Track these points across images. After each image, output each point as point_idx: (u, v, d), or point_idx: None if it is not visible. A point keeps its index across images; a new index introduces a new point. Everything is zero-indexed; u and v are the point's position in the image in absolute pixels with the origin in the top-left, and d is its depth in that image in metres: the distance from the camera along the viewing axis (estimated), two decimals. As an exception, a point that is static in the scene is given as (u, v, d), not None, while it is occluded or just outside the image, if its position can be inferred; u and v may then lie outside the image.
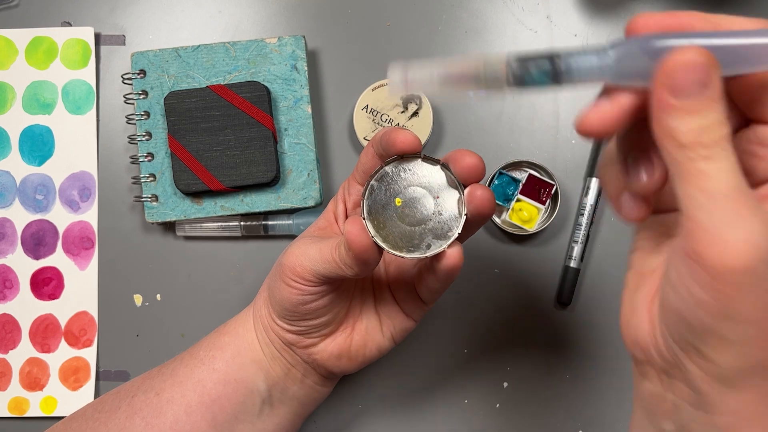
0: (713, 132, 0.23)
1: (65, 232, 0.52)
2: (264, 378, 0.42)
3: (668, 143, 0.24)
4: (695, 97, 0.23)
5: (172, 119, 0.48)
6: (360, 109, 0.49)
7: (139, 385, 0.42)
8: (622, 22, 0.51)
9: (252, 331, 0.42)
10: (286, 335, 0.41)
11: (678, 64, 0.23)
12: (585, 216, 0.49)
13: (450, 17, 0.52)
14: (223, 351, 0.42)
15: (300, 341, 0.41)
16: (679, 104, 0.23)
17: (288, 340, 0.41)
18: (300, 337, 0.41)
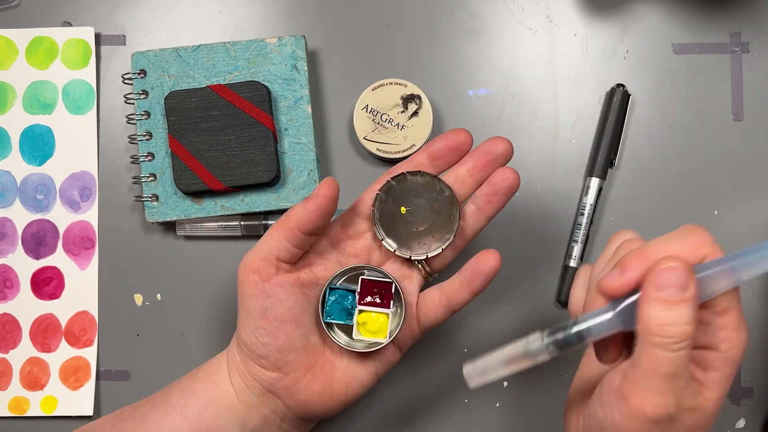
0: (683, 327, 0.29)
1: (66, 231, 0.52)
2: (240, 426, 0.41)
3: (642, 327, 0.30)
4: (673, 294, 0.29)
5: (173, 119, 0.49)
6: (360, 108, 0.50)
7: (110, 428, 0.41)
8: (622, 22, 0.51)
9: (226, 378, 0.41)
10: (265, 375, 0.40)
11: (664, 267, 0.29)
12: (585, 216, 0.49)
13: (450, 17, 0.52)
14: (196, 398, 0.41)
15: (279, 380, 0.40)
16: (658, 296, 0.29)
17: (267, 381, 0.40)
18: (279, 374, 0.40)
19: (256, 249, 0.40)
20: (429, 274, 0.43)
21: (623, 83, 0.50)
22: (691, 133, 0.51)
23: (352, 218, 0.42)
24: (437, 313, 0.42)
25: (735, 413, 0.50)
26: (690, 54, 0.51)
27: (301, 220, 0.39)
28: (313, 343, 0.41)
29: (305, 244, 0.40)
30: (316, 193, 0.39)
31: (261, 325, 0.39)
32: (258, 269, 0.39)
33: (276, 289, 0.39)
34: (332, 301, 0.42)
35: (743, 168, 0.50)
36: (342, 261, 0.42)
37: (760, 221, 0.50)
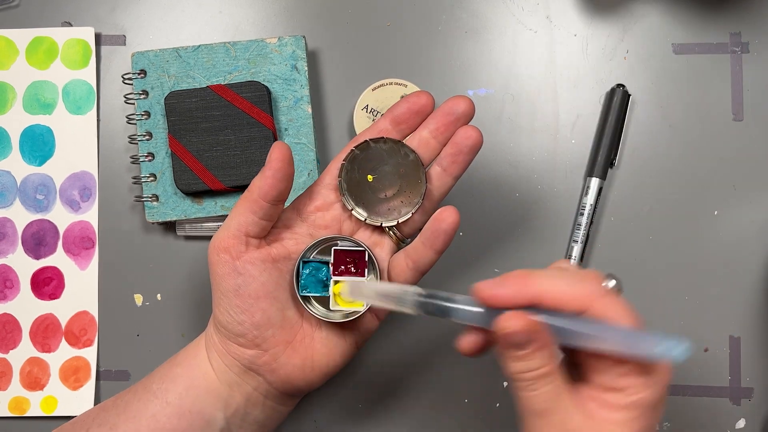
0: (536, 371, 0.33)
1: (66, 231, 0.52)
2: (222, 407, 0.40)
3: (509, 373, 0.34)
4: (518, 351, 0.33)
5: (173, 119, 0.49)
6: (360, 109, 0.50)
7: (93, 418, 0.41)
8: (622, 22, 0.51)
9: (206, 360, 0.41)
10: (245, 353, 0.40)
11: (505, 330, 0.33)
12: (585, 216, 0.49)
13: (450, 17, 0.52)
14: (175, 383, 0.41)
15: (259, 356, 0.40)
16: (508, 354, 0.33)
17: (247, 359, 0.40)
18: (258, 351, 0.40)
19: (224, 228, 0.40)
20: (400, 239, 0.43)
21: (623, 83, 0.50)
22: (691, 133, 0.51)
23: (320, 190, 0.42)
24: (407, 277, 0.42)
25: (735, 413, 0.50)
26: (690, 54, 0.51)
27: (262, 189, 0.39)
28: (290, 318, 0.41)
29: (271, 214, 0.40)
30: (270, 159, 0.39)
31: (235, 303, 0.39)
32: (227, 248, 0.39)
33: (247, 266, 0.39)
34: (306, 274, 0.41)
35: (743, 168, 0.50)
36: (313, 233, 0.42)
37: (760, 221, 0.50)
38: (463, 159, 0.41)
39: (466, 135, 0.40)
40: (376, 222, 0.42)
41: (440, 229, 0.40)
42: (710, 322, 0.50)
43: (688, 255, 0.50)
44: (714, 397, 0.50)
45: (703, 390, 0.50)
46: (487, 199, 0.51)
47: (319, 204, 0.42)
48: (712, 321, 0.50)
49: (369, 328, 0.42)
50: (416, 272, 0.42)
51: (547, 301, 0.33)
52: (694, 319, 0.50)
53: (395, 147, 0.41)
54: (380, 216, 0.42)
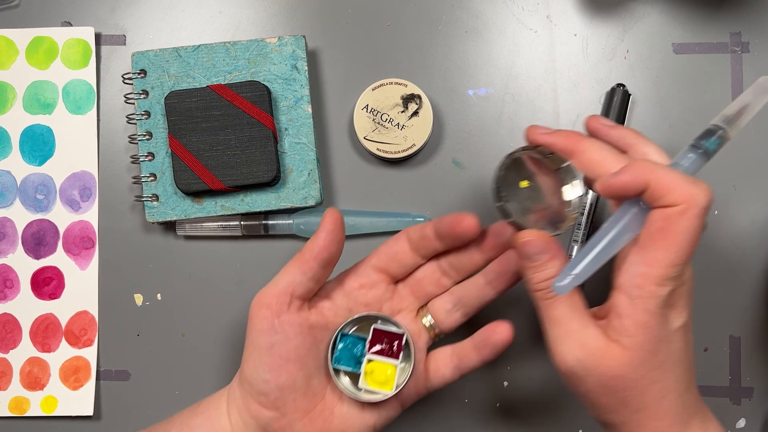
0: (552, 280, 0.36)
1: (66, 231, 0.52)
2: None
3: (530, 287, 0.38)
4: (536, 260, 0.37)
5: (173, 119, 0.49)
6: (360, 108, 0.50)
7: None
8: (622, 22, 0.51)
9: (225, 414, 0.41)
10: (263, 414, 0.40)
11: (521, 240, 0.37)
12: (585, 216, 0.49)
13: (450, 17, 0.52)
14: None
15: (276, 420, 0.40)
16: (527, 264, 0.37)
17: (265, 420, 0.40)
18: (276, 414, 0.40)
19: (272, 284, 0.40)
20: (437, 335, 0.43)
21: (623, 83, 0.50)
22: (691, 133, 0.51)
23: (366, 269, 0.42)
24: (446, 372, 0.42)
25: (735, 413, 0.50)
26: (690, 54, 0.51)
27: (315, 251, 0.40)
28: (314, 387, 0.41)
29: (320, 276, 0.40)
30: (323, 221, 0.40)
31: (265, 361, 0.39)
32: (270, 304, 0.40)
33: (285, 326, 0.40)
34: (342, 347, 0.41)
35: (743, 168, 0.50)
36: (353, 309, 0.42)
37: (760, 221, 0.50)
38: (507, 279, 0.42)
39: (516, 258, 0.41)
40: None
41: (490, 340, 0.41)
42: (710, 322, 0.50)
43: (688, 255, 0.50)
44: (714, 397, 0.50)
45: (703, 390, 0.50)
46: (487, 199, 0.51)
47: (363, 282, 0.42)
48: (712, 321, 0.50)
49: (390, 414, 0.42)
50: (458, 370, 0.42)
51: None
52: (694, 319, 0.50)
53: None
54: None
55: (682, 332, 0.37)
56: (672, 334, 0.36)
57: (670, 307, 0.36)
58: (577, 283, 0.36)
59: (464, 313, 0.43)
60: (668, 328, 0.36)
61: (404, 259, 0.42)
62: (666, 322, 0.36)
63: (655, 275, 0.34)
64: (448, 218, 0.39)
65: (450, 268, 0.42)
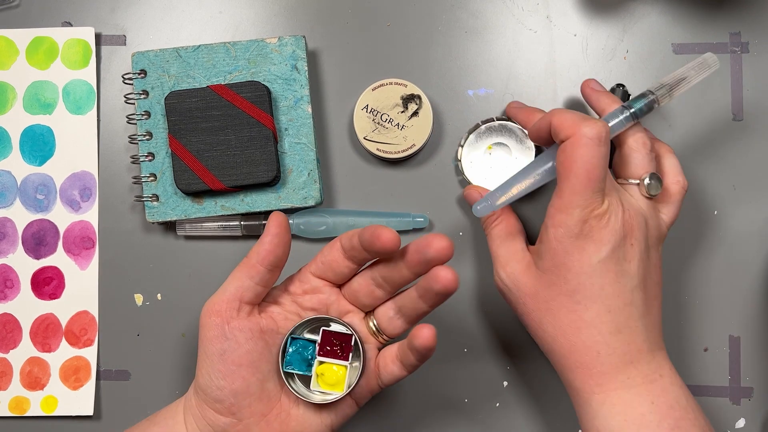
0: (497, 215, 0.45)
1: (66, 231, 0.52)
2: None
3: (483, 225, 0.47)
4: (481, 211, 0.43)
5: (173, 119, 0.49)
6: (360, 108, 0.50)
7: None
8: (622, 22, 0.51)
9: (182, 422, 0.42)
10: (219, 420, 0.40)
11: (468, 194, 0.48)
12: (585, 215, 0.50)
13: (450, 17, 0.52)
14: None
15: (233, 425, 0.40)
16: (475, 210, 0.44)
17: (221, 426, 0.40)
18: (232, 420, 0.40)
19: (220, 291, 0.41)
20: (384, 339, 0.43)
21: (623, 83, 0.50)
22: (691, 133, 0.51)
23: (307, 275, 0.43)
24: (394, 369, 0.42)
25: (735, 413, 0.50)
26: (690, 54, 0.51)
27: (260, 254, 0.40)
28: (269, 390, 0.41)
29: (267, 280, 0.41)
30: (268, 226, 0.41)
31: (218, 368, 0.40)
32: (220, 311, 0.40)
33: (236, 332, 0.40)
34: (293, 350, 0.42)
35: (743, 168, 0.50)
36: (301, 314, 0.42)
37: (760, 221, 0.50)
38: (432, 298, 0.40)
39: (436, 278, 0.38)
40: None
41: (414, 345, 0.39)
42: (710, 322, 0.50)
43: (688, 255, 0.50)
44: (714, 397, 0.50)
45: (703, 390, 0.50)
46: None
47: (307, 288, 0.43)
48: (712, 321, 0.50)
49: (347, 413, 0.42)
50: (403, 368, 0.42)
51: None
52: (694, 319, 0.50)
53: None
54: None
55: (602, 268, 0.39)
56: (589, 267, 0.39)
57: (584, 237, 0.39)
58: (493, 208, 0.43)
59: (406, 321, 0.42)
60: (583, 260, 0.39)
61: (339, 267, 0.41)
62: (580, 252, 0.39)
63: (559, 204, 0.39)
64: (369, 230, 0.39)
65: (383, 279, 0.41)
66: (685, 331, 0.50)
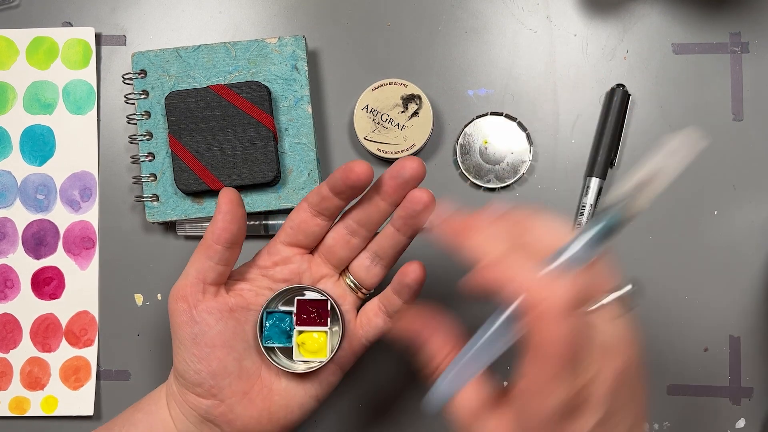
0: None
1: (66, 231, 0.52)
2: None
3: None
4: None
5: (173, 119, 0.49)
6: (360, 109, 0.50)
7: None
8: (622, 22, 0.51)
9: (165, 408, 0.42)
10: (201, 403, 0.40)
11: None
12: (585, 216, 0.50)
13: (450, 17, 0.52)
14: (136, 428, 0.42)
15: (215, 407, 0.40)
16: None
17: (204, 409, 0.40)
18: (214, 401, 0.40)
19: (182, 276, 0.40)
20: (363, 294, 0.43)
21: (623, 83, 0.50)
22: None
23: (276, 246, 0.42)
24: (378, 321, 0.42)
25: (735, 413, 0.50)
26: (690, 54, 0.51)
27: (215, 233, 0.39)
28: (247, 368, 0.41)
29: (227, 258, 0.40)
30: (219, 203, 0.40)
31: (192, 352, 0.39)
32: (185, 296, 0.40)
33: (204, 315, 0.40)
34: (270, 324, 0.41)
35: (743, 168, 0.50)
36: (273, 287, 0.42)
37: (760, 221, 0.50)
38: (414, 222, 0.40)
39: (416, 200, 0.39)
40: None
41: (404, 281, 0.40)
42: (710, 322, 0.50)
43: (688, 255, 0.50)
44: (714, 397, 0.50)
45: (703, 390, 0.50)
46: (487, 200, 0.51)
47: (277, 259, 0.42)
48: (712, 321, 0.50)
49: (331, 380, 0.42)
50: (387, 319, 0.42)
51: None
52: (694, 319, 0.50)
53: None
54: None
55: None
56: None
57: (566, 417, 0.31)
58: (445, 401, 0.34)
59: (384, 266, 0.42)
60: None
61: (309, 227, 0.41)
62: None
63: (527, 387, 0.31)
64: (338, 171, 0.38)
65: (358, 225, 0.41)
66: (685, 331, 0.50)
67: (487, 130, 0.50)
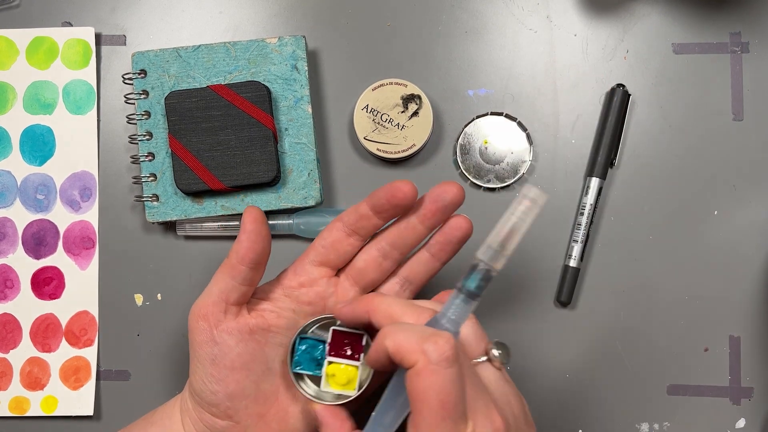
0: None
1: (66, 231, 0.52)
2: None
3: None
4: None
5: (173, 119, 0.49)
6: (360, 108, 0.50)
7: None
8: (622, 22, 0.51)
9: (179, 423, 0.41)
10: (217, 423, 0.40)
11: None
12: (585, 215, 0.50)
13: (450, 17, 0.52)
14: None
15: (230, 428, 0.39)
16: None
17: (219, 429, 0.40)
18: (230, 423, 0.39)
19: (205, 294, 0.40)
20: None
21: (623, 83, 0.50)
22: (691, 133, 0.51)
23: (305, 266, 0.41)
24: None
25: (735, 413, 0.50)
26: (690, 54, 0.51)
27: (240, 253, 0.39)
28: (265, 391, 0.40)
29: (251, 278, 0.40)
30: (243, 222, 0.39)
31: (210, 372, 0.39)
32: (206, 315, 0.39)
33: (224, 335, 0.39)
34: (302, 350, 0.40)
35: (743, 168, 0.50)
36: (296, 309, 0.41)
37: (760, 221, 0.50)
38: (452, 248, 0.41)
39: (457, 226, 0.40)
40: None
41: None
42: (710, 322, 0.50)
43: (688, 255, 0.50)
44: (714, 397, 0.50)
45: (703, 390, 0.50)
46: (487, 199, 0.51)
47: (303, 280, 0.41)
48: (712, 321, 0.50)
49: (352, 407, 0.41)
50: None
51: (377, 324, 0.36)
52: (694, 319, 0.50)
53: None
54: None
55: None
56: None
57: None
58: None
59: (412, 291, 0.42)
60: None
61: (342, 246, 0.40)
62: None
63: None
64: (382, 190, 0.38)
65: (391, 247, 0.40)
66: (685, 331, 0.50)
67: (487, 130, 0.50)
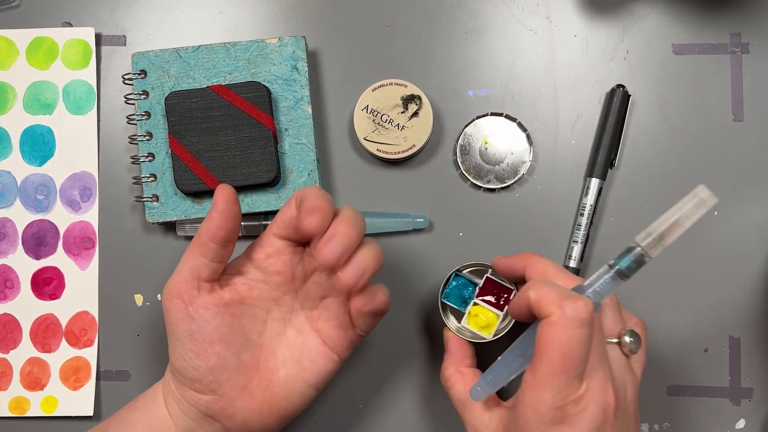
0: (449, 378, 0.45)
1: (66, 232, 0.52)
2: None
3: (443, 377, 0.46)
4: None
5: (173, 119, 0.49)
6: (360, 109, 0.50)
7: None
8: (622, 22, 0.51)
9: (162, 406, 0.42)
10: (201, 399, 0.40)
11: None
12: (585, 216, 0.50)
13: (450, 18, 0.52)
14: (133, 427, 0.41)
15: (215, 402, 0.40)
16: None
17: (203, 405, 0.40)
18: (214, 397, 0.40)
19: (176, 273, 0.40)
20: None
21: (623, 83, 0.50)
22: (691, 133, 0.51)
23: (269, 238, 0.42)
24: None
25: (735, 413, 0.50)
26: (690, 54, 0.51)
27: (210, 231, 0.39)
28: (246, 362, 0.41)
29: (222, 255, 0.40)
30: (215, 200, 0.40)
31: (190, 348, 0.39)
32: (180, 293, 0.40)
33: (200, 310, 0.40)
34: (453, 285, 0.46)
35: (743, 168, 0.50)
36: (266, 280, 0.42)
37: (760, 221, 0.50)
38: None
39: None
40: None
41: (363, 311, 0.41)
42: (710, 322, 0.50)
43: (688, 255, 0.50)
44: (714, 397, 0.50)
45: (703, 390, 0.50)
46: (487, 199, 0.51)
47: (270, 251, 0.42)
48: (712, 321, 0.50)
49: (330, 369, 0.42)
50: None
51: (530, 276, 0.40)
52: (694, 319, 0.50)
53: None
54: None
55: None
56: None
57: (557, 424, 0.35)
58: (489, 392, 0.39)
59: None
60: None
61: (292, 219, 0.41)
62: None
63: (532, 381, 0.35)
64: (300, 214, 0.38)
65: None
66: (685, 331, 0.50)
67: (487, 130, 0.50)
